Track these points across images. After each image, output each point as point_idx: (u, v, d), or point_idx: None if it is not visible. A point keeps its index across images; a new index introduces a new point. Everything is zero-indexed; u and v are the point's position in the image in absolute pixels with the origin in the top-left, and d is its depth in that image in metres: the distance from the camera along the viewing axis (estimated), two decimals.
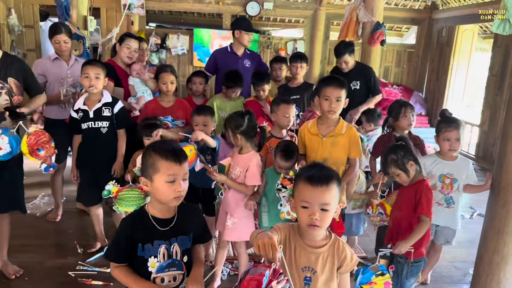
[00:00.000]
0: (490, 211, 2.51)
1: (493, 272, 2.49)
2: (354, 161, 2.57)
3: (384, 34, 4.55)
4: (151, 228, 1.58)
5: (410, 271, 2.33)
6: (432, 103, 7.81)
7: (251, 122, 2.60)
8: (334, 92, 2.39)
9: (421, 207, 2.26)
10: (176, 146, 1.62)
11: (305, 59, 3.85)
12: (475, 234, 2.95)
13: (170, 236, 1.60)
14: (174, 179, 1.53)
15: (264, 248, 1.29)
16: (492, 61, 6.22)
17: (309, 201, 1.42)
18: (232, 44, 4.11)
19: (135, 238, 1.57)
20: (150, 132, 2.88)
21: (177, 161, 1.54)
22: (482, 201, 3.07)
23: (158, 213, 1.61)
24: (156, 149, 1.56)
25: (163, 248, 1.58)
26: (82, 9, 4.48)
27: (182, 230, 1.64)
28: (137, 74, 3.58)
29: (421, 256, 2.35)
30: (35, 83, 2.86)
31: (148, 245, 1.57)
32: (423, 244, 2.35)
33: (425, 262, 2.42)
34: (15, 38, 6.81)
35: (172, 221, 1.62)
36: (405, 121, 3.03)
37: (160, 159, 1.53)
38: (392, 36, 9.13)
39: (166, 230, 1.60)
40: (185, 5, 7.48)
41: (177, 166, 1.54)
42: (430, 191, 2.30)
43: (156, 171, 1.53)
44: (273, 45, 7.80)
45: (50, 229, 3.57)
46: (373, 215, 2.68)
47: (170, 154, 1.54)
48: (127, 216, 1.66)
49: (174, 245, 1.61)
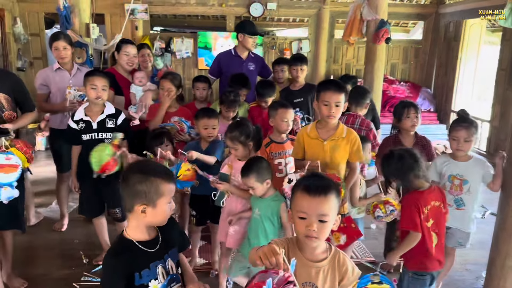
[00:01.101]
0: (501, 213, 2.44)
1: (506, 276, 2.43)
2: (355, 165, 2.53)
3: (389, 32, 4.46)
4: (142, 254, 1.52)
5: (411, 283, 2.28)
6: (441, 99, 7.68)
7: (247, 131, 2.59)
8: (333, 97, 2.34)
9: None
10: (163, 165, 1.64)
11: (305, 61, 3.79)
12: (487, 235, 2.87)
13: (162, 254, 1.57)
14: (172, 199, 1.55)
15: (265, 256, 1.24)
16: (501, 55, 6.09)
17: (307, 211, 1.37)
18: (236, 47, 4.07)
19: (130, 270, 1.49)
20: (160, 141, 2.89)
21: (174, 181, 1.57)
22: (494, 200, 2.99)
23: (142, 236, 1.54)
24: (157, 173, 1.51)
25: (160, 268, 1.55)
26: (84, 17, 4.46)
27: (169, 244, 1.62)
28: (139, 82, 3.54)
29: (423, 270, 2.26)
30: (27, 100, 2.85)
31: (145, 271, 1.51)
32: (418, 257, 2.24)
33: (433, 278, 2.30)
34: (21, 46, 6.85)
35: (158, 239, 1.58)
36: (408, 122, 2.96)
37: (164, 182, 1.50)
38: (398, 32, 9.01)
39: (158, 250, 1.56)
40: (189, 8, 7.46)
41: (174, 185, 1.56)
42: (415, 205, 2.19)
43: (160, 196, 1.49)
44: (277, 45, 7.75)
45: (55, 239, 3.56)
46: (385, 215, 2.61)
47: (170, 176, 1.56)
48: (108, 257, 1.53)
49: (168, 260, 1.59)
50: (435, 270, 2.28)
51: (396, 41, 8.13)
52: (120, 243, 1.55)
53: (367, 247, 3.50)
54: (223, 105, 3.30)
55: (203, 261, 3.22)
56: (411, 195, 2.26)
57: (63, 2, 4.11)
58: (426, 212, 2.22)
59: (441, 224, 2.28)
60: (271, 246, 1.26)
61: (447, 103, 7.50)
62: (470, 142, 2.58)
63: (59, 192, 3.69)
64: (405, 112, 2.95)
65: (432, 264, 2.27)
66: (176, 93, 3.31)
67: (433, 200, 2.25)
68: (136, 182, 1.47)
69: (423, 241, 2.22)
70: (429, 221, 2.23)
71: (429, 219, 2.23)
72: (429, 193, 2.25)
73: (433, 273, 2.29)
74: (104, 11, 7.07)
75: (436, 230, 2.26)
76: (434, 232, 2.26)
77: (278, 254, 1.23)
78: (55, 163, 3.64)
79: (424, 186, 2.26)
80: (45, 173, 4.73)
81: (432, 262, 2.26)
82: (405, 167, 2.22)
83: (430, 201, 2.24)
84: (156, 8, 7.31)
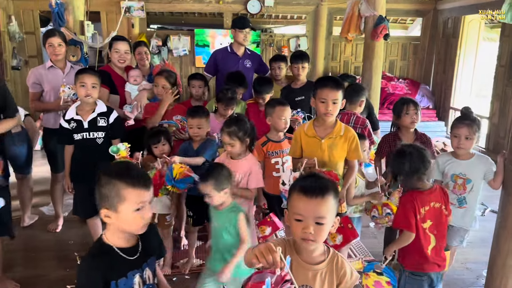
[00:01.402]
0: (502, 211, 2.40)
1: (507, 275, 2.39)
2: (353, 163, 2.48)
3: (387, 28, 4.42)
4: (121, 262, 1.44)
5: (407, 283, 2.24)
6: (440, 96, 7.65)
7: (245, 126, 2.55)
8: (330, 94, 2.29)
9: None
10: (139, 168, 1.49)
11: (306, 58, 3.71)
12: (488, 233, 2.83)
13: (141, 262, 1.50)
14: (143, 206, 1.40)
15: (261, 254, 1.19)
16: (500, 51, 6.04)
17: (303, 213, 1.32)
18: (232, 44, 4.03)
19: (107, 277, 1.41)
20: (157, 140, 2.84)
21: (146, 187, 1.40)
22: (494, 197, 2.95)
23: (122, 242, 1.46)
24: (120, 176, 1.38)
25: (138, 277, 1.47)
26: (78, 14, 4.41)
27: (149, 252, 1.54)
28: (134, 81, 3.48)
29: (420, 270, 2.22)
30: (9, 105, 2.72)
31: (122, 280, 1.43)
32: (414, 257, 2.21)
33: (432, 281, 2.25)
34: (16, 45, 6.79)
35: (138, 247, 1.50)
36: (408, 119, 2.92)
37: (127, 187, 1.37)
38: (396, 29, 8.97)
39: (137, 258, 1.48)
40: (186, 6, 7.40)
41: (147, 192, 1.41)
42: (412, 204, 2.16)
43: (122, 201, 1.37)
44: (275, 42, 7.69)
45: (50, 240, 3.51)
46: (380, 216, 2.59)
47: (137, 180, 1.39)
48: (86, 260, 1.46)
49: (146, 270, 1.51)
50: (432, 271, 2.23)
51: (395, 37, 8.09)
52: (99, 247, 1.46)
53: (366, 246, 3.46)
54: (220, 103, 3.25)
55: (200, 262, 3.18)
56: (410, 194, 2.22)
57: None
58: (423, 212, 2.17)
59: (441, 227, 2.23)
60: (268, 244, 1.21)
61: (446, 100, 7.47)
62: (471, 140, 2.54)
63: (54, 193, 3.64)
64: (404, 109, 2.91)
65: (429, 265, 2.22)
66: (173, 90, 3.26)
67: (432, 201, 2.19)
68: (101, 184, 1.40)
69: (418, 242, 2.18)
70: (426, 222, 2.18)
71: (426, 220, 2.18)
72: (429, 194, 2.20)
73: (431, 275, 2.23)
74: (100, 8, 7.01)
75: (435, 232, 2.21)
76: (432, 233, 2.20)
77: (275, 252, 1.18)
78: (49, 163, 3.59)
79: (425, 187, 2.22)
80: (41, 173, 4.68)
81: (429, 263, 2.21)
82: (411, 168, 2.18)
83: (429, 202, 2.19)
84: (152, 5, 7.24)
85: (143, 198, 1.40)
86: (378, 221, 2.62)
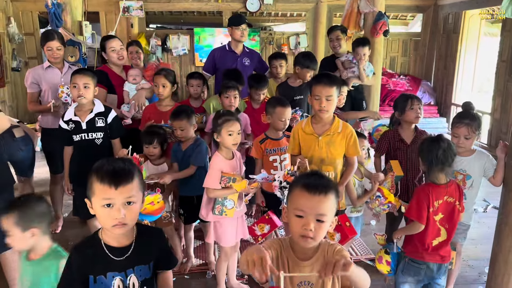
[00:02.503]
0: (504, 208, 2.37)
1: (510, 272, 2.36)
2: (352, 160, 2.46)
3: (387, 24, 4.38)
4: (103, 258, 1.40)
5: (406, 268, 2.30)
6: (441, 92, 7.61)
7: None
8: (324, 91, 2.28)
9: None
10: (118, 165, 1.37)
11: (314, 62, 3.57)
12: (490, 230, 2.80)
13: (126, 267, 1.43)
14: (110, 203, 1.33)
15: (253, 264, 1.16)
16: (502, 46, 6.00)
17: (305, 209, 1.31)
18: (230, 43, 4.01)
19: (86, 269, 1.40)
20: (149, 141, 2.82)
21: (112, 184, 1.32)
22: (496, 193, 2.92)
23: (112, 240, 1.42)
24: (95, 168, 1.36)
25: (118, 280, 1.42)
26: (76, 15, 4.39)
27: (140, 259, 1.46)
28: (133, 80, 3.47)
29: (419, 259, 2.26)
30: None
31: (100, 277, 1.40)
32: (416, 245, 2.25)
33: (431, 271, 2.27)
34: (16, 46, 6.79)
35: (128, 250, 1.44)
36: (412, 114, 2.88)
37: (96, 180, 1.34)
38: (397, 25, 8.93)
39: (122, 260, 1.42)
40: (185, 5, 7.39)
41: (112, 190, 1.32)
42: (426, 197, 2.19)
43: (93, 194, 1.36)
44: (275, 40, 7.67)
45: None
46: (371, 201, 2.60)
47: (106, 176, 1.33)
48: (78, 244, 1.46)
49: (131, 276, 1.44)
50: (432, 261, 2.26)
51: (395, 34, 8.06)
52: (89, 239, 1.47)
53: (366, 243, 3.44)
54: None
55: (200, 261, 3.17)
56: (425, 187, 2.25)
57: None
58: (437, 205, 2.21)
59: (453, 221, 2.25)
60: (261, 254, 1.18)
61: (447, 96, 7.44)
62: (471, 139, 2.53)
63: (53, 194, 3.63)
64: (409, 104, 2.87)
65: (431, 255, 2.25)
66: (172, 89, 3.24)
67: (447, 195, 2.22)
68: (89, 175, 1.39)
69: (424, 232, 2.22)
70: (438, 215, 2.22)
71: (438, 213, 2.22)
72: (444, 188, 2.22)
73: (430, 264, 2.26)
74: (99, 9, 7.01)
75: (446, 226, 2.23)
76: (444, 227, 2.24)
77: (267, 264, 1.16)
78: (48, 164, 3.59)
79: (441, 181, 2.23)
80: (39, 174, 4.66)
81: (431, 254, 2.25)
82: (440, 157, 2.19)
83: (443, 196, 2.21)
84: (151, 5, 7.24)
85: (108, 196, 1.33)
86: (370, 205, 2.63)
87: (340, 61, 3.92)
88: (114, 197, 1.33)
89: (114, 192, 1.33)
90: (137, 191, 1.39)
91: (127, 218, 1.36)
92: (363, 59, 3.83)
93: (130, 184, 1.36)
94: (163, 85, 3.17)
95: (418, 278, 2.29)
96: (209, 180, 2.46)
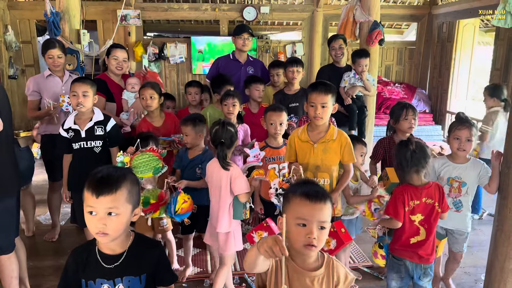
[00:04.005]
0: (499, 216, 2.39)
1: (506, 279, 2.37)
2: (348, 167, 2.49)
3: (382, 33, 4.44)
4: (95, 264, 1.42)
5: (390, 264, 2.40)
6: (436, 100, 7.68)
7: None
8: (319, 98, 2.33)
9: (387, 206, 2.37)
10: (107, 174, 1.36)
11: (300, 63, 3.75)
12: (486, 237, 2.83)
13: (114, 275, 1.42)
14: (92, 211, 1.33)
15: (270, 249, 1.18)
16: (495, 55, 6.08)
17: (307, 218, 1.32)
18: (234, 52, 4.06)
19: (79, 273, 1.43)
20: (145, 145, 2.82)
21: (94, 193, 1.32)
22: (491, 201, 2.94)
23: (105, 247, 1.43)
24: (90, 174, 1.38)
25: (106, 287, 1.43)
26: (74, 23, 4.41)
27: (130, 270, 1.44)
28: (132, 88, 3.48)
29: (398, 255, 2.35)
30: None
31: (90, 283, 1.42)
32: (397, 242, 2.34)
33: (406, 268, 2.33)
34: (13, 54, 6.81)
35: (119, 258, 1.43)
36: (406, 124, 2.93)
37: (85, 186, 1.35)
38: (392, 33, 9.02)
39: (111, 268, 1.42)
40: (182, 13, 7.44)
41: (93, 198, 1.32)
42: (401, 196, 2.27)
43: (83, 199, 1.36)
44: (271, 49, 7.72)
45: (47, 249, 3.49)
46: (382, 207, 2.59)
47: (91, 183, 1.34)
48: (77, 247, 1.50)
49: (119, 286, 1.43)
50: (409, 260, 2.32)
51: (390, 42, 8.14)
52: (86, 244, 1.49)
53: (364, 251, 3.45)
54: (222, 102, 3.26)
55: (198, 270, 3.17)
56: (402, 187, 2.33)
57: (50, 8, 4.06)
58: (413, 205, 2.28)
59: (432, 221, 2.31)
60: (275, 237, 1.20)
61: (442, 104, 7.50)
62: (472, 142, 2.57)
63: (51, 202, 3.63)
64: (403, 114, 2.92)
65: (407, 253, 2.31)
66: (159, 101, 3.21)
67: (425, 197, 2.28)
68: None
69: (402, 230, 2.31)
70: (416, 215, 2.29)
71: (416, 214, 2.29)
72: (422, 189, 2.28)
73: (407, 262, 2.32)
74: (96, 17, 7.04)
75: (425, 226, 2.30)
76: (423, 227, 2.31)
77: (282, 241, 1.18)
78: (47, 172, 3.59)
79: (420, 183, 2.30)
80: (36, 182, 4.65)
81: (409, 251, 2.31)
82: (412, 159, 2.27)
83: (421, 197, 2.28)
84: (149, 13, 7.28)
85: (90, 203, 1.33)
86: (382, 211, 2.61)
87: (342, 88, 3.95)
88: (95, 205, 1.33)
89: (95, 200, 1.33)
90: (121, 203, 1.36)
91: (108, 228, 1.34)
92: (365, 70, 3.89)
93: (113, 195, 1.34)
94: (151, 96, 3.13)
95: (400, 275, 2.36)
96: (245, 185, 2.47)
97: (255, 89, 3.56)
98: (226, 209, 2.51)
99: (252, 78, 3.66)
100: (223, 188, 2.49)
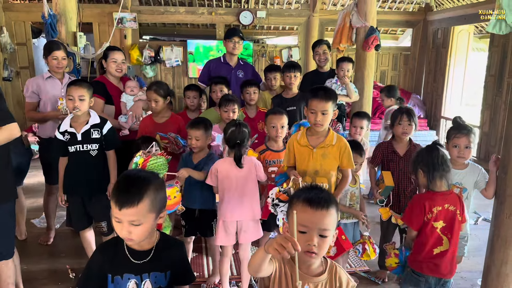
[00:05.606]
0: (496, 220, 2.41)
1: (502, 284, 2.40)
2: (346, 172, 2.50)
3: (378, 39, 4.46)
4: (123, 259, 1.45)
5: (407, 278, 2.30)
6: (431, 105, 7.73)
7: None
8: (319, 105, 2.33)
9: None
10: (129, 186, 1.38)
11: (298, 68, 3.76)
12: (482, 242, 2.84)
13: (142, 271, 1.46)
14: (118, 220, 1.37)
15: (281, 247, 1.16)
16: (490, 61, 6.14)
17: (308, 225, 1.30)
18: (225, 55, 4.06)
19: (106, 268, 1.46)
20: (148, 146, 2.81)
21: (117, 205, 1.35)
22: (486, 206, 2.96)
23: (133, 243, 1.46)
24: (119, 177, 1.43)
25: (133, 283, 1.45)
26: (71, 25, 4.39)
27: (157, 266, 1.49)
28: (131, 91, 3.47)
29: (418, 270, 2.25)
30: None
31: (117, 278, 1.45)
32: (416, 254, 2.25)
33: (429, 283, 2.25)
34: (8, 56, 6.77)
35: (148, 255, 1.47)
36: (399, 129, 2.95)
37: (112, 193, 1.40)
38: (387, 39, 9.08)
39: (139, 264, 1.46)
40: (178, 17, 7.44)
41: (116, 209, 1.36)
42: (422, 203, 2.20)
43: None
44: (267, 53, 7.74)
45: (41, 252, 3.45)
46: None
47: (115, 193, 1.38)
48: (103, 243, 1.57)
49: (146, 281, 1.47)
50: (430, 274, 2.22)
51: (386, 48, 8.19)
52: (113, 240, 1.53)
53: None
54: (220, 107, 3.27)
55: (196, 274, 3.15)
56: (423, 194, 2.29)
57: (48, 11, 4.05)
58: (435, 212, 2.20)
59: (454, 230, 2.23)
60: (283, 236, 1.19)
61: (437, 109, 7.55)
62: (471, 149, 2.57)
63: (47, 204, 3.59)
64: (398, 119, 2.94)
65: (429, 268, 2.22)
66: (165, 102, 3.24)
67: (447, 203, 2.21)
68: None
69: (423, 241, 2.22)
70: (438, 222, 2.21)
71: (439, 220, 2.21)
72: (443, 195, 2.22)
73: (429, 278, 2.23)
74: (92, 20, 7.02)
75: (448, 235, 2.22)
76: (446, 236, 2.22)
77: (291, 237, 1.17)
78: (45, 175, 3.55)
79: (442, 189, 2.23)
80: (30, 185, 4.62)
81: (430, 265, 2.22)
82: (440, 162, 2.22)
83: (443, 203, 2.20)
84: (145, 16, 7.28)
85: (115, 213, 1.37)
86: None
87: None
88: (118, 216, 1.37)
89: (118, 212, 1.36)
90: (143, 215, 1.38)
91: (133, 235, 1.39)
92: (347, 74, 3.92)
93: (134, 208, 1.35)
94: (155, 100, 3.18)
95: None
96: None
97: (246, 93, 3.58)
98: (257, 197, 2.65)
99: (245, 82, 3.67)
100: (249, 179, 2.62)
